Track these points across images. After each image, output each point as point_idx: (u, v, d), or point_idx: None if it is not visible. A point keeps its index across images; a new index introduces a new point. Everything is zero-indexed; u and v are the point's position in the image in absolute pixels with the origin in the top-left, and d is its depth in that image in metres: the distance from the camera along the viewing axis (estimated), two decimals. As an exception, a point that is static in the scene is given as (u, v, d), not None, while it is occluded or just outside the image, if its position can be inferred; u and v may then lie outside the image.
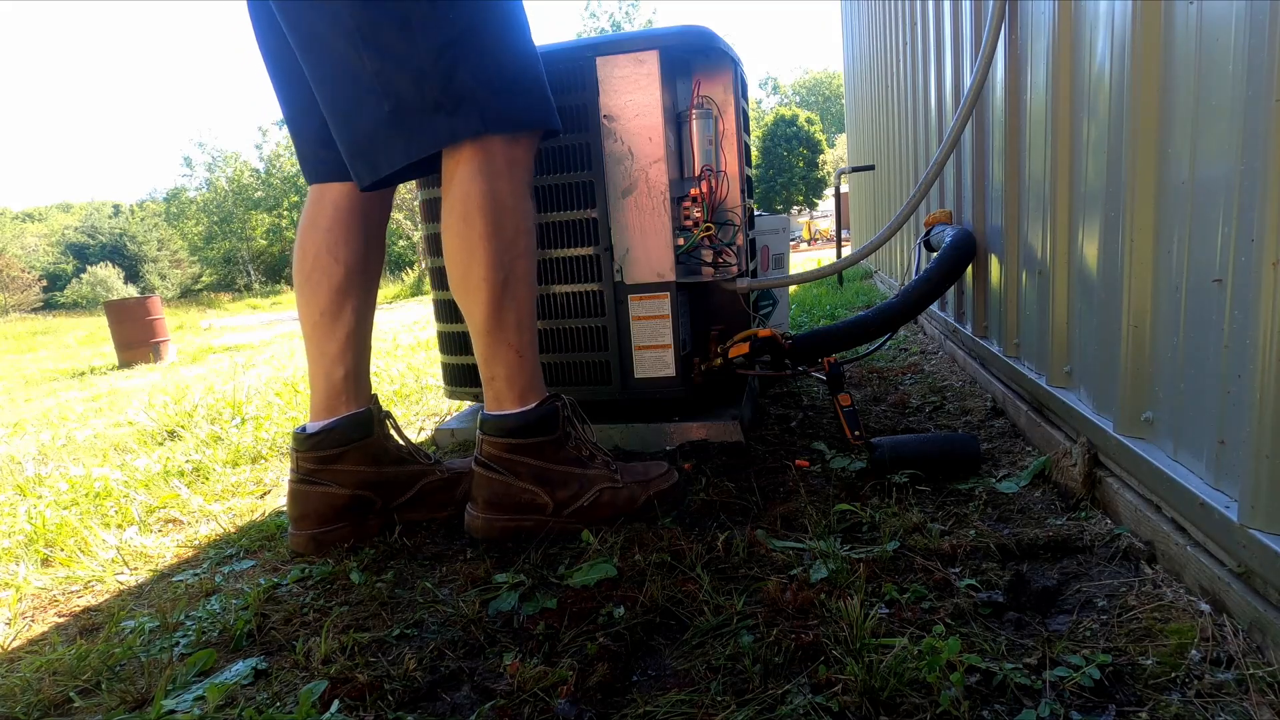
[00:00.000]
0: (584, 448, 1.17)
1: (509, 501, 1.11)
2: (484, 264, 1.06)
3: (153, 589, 1.13)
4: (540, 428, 1.12)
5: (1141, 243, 0.92)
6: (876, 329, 1.63)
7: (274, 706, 0.76)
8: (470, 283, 1.08)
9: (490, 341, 1.10)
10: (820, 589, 0.88)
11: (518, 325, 1.11)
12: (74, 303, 37.29)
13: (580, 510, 1.12)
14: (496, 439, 1.11)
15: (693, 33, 1.43)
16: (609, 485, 1.14)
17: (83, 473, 1.81)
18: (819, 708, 0.68)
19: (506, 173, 1.06)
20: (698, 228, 1.48)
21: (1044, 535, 0.97)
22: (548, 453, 1.12)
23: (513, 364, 1.11)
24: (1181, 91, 0.83)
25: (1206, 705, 0.63)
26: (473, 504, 1.13)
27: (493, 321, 1.09)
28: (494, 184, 1.05)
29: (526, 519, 1.11)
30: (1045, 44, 1.22)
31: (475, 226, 1.05)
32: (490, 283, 1.07)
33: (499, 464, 1.11)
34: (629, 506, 1.14)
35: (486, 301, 1.08)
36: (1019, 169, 1.41)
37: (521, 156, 1.09)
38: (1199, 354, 0.80)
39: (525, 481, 1.11)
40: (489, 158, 1.05)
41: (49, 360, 7.58)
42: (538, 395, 1.14)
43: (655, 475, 1.19)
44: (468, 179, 1.05)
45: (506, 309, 1.09)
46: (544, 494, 1.11)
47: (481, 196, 1.05)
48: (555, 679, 0.75)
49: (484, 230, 1.05)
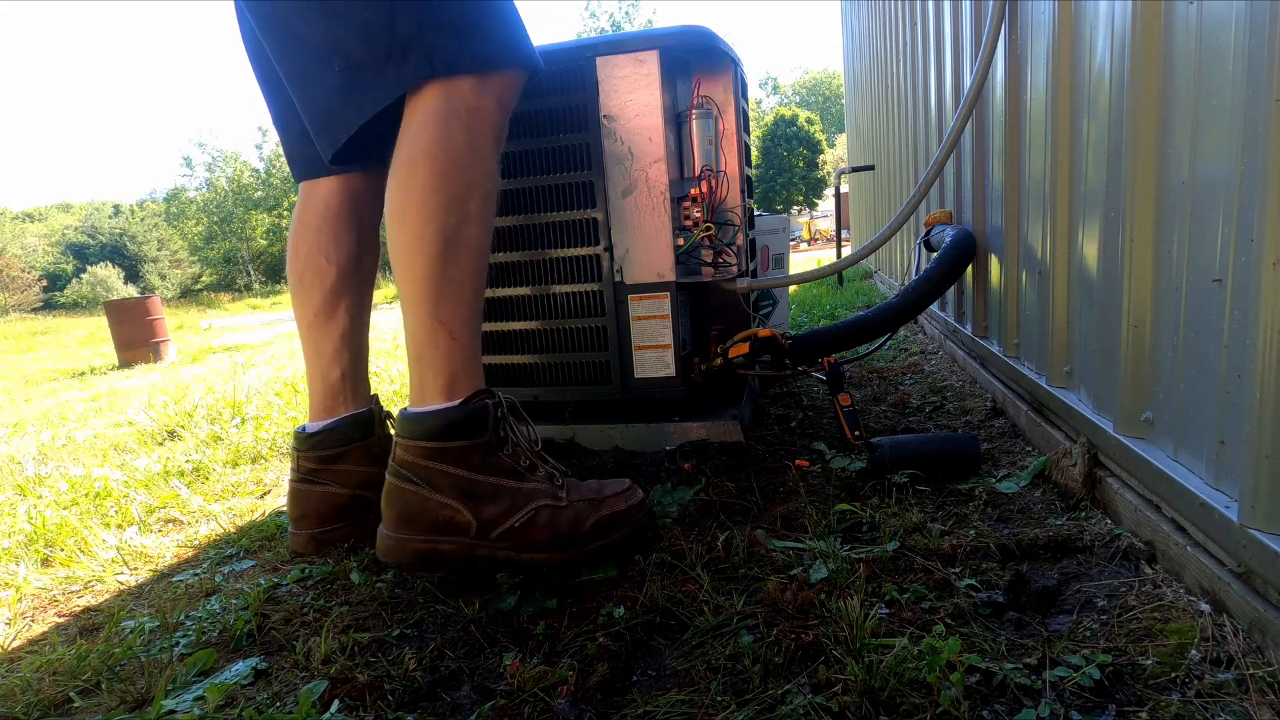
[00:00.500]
0: (523, 456, 0.98)
1: (424, 519, 0.93)
2: (423, 219, 0.92)
3: (153, 589, 1.13)
4: (467, 428, 0.94)
5: (1141, 243, 0.92)
6: (876, 329, 1.63)
7: (274, 706, 0.76)
8: (404, 239, 0.93)
9: (421, 316, 0.94)
10: (820, 589, 0.88)
11: (457, 301, 0.95)
12: (74, 303, 37.29)
13: (510, 532, 0.93)
14: (413, 442, 0.94)
15: (693, 33, 1.43)
16: (549, 503, 0.95)
17: (83, 473, 1.81)
18: (819, 708, 0.68)
19: (465, 120, 0.93)
20: (698, 228, 1.48)
21: (1044, 535, 0.97)
22: (474, 460, 0.94)
23: (444, 347, 0.94)
24: (1181, 91, 0.83)
25: (1206, 705, 0.63)
26: (385, 517, 0.96)
27: (427, 291, 0.93)
28: (447, 130, 0.92)
29: (444, 541, 0.93)
30: (1045, 44, 1.22)
31: (418, 175, 0.92)
32: (428, 243, 0.92)
33: (415, 472, 0.94)
34: (572, 530, 0.95)
35: (422, 264, 0.92)
36: (1019, 169, 1.41)
37: (488, 106, 0.95)
38: (1199, 354, 0.80)
39: (445, 495, 0.93)
40: (446, 102, 0.93)
41: (49, 360, 7.58)
42: (468, 388, 0.96)
43: (610, 494, 1.00)
44: (418, 124, 0.92)
45: (445, 279, 0.93)
46: (466, 511, 0.93)
47: (430, 141, 0.92)
48: (555, 679, 0.75)
49: (428, 180, 0.92)
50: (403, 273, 0.94)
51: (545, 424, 1.59)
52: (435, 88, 0.92)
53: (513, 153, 1.48)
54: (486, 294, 1.55)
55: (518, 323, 1.55)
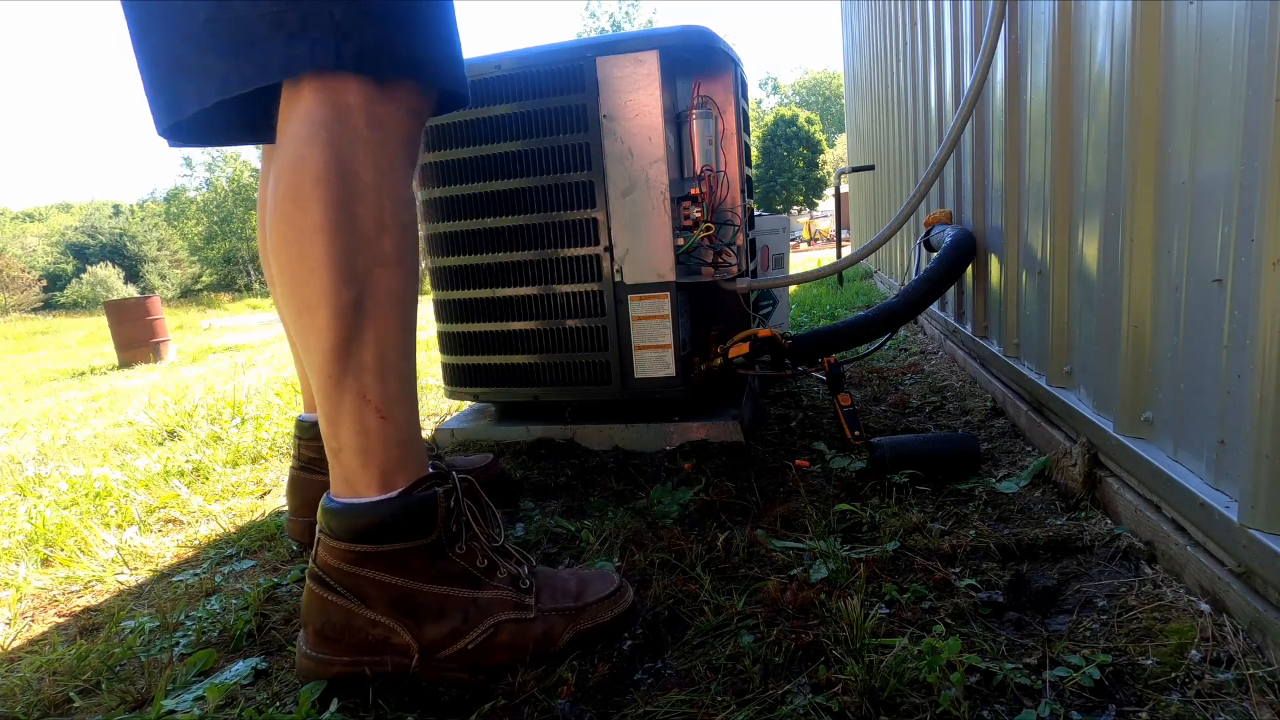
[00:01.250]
0: (480, 554, 0.79)
1: (352, 638, 0.75)
2: (323, 269, 0.70)
3: (153, 589, 1.13)
4: (407, 527, 0.74)
5: (1141, 243, 0.92)
6: (876, 329, 1.63)
7: (274, 706, 0.76)
8: (302, 298, 0.71)
9: (333, 390, 0.73)
10: (820, 589, 0.88)
11: (380, 368, 0.74)
12: (74, 303, 37.29)
13: (462, 654, 0.76)
14: (339, 543, 0.74)
15: (693, 33, 1.43)
16: (512, 617, 0.77)
17: (83, 473, 1.81)
18: (819, 708, 0.68)
19: (365, 135, 0.71)
20: (698, 228, 1.48)
21: (1044, 535, 0.97)
22: (415, 566, 0.75)
23: (368, 429, 0.74)
24: (1181, 91, 0.83)
25: (1206, 705, 0.63)
26: (304, 630, 0.78)
27: (336, 360, 0.72)
28: (344, 149, 0.70)
29: (381, 662, 0.75)
30: (1045, 44, 1.22)
31: (311, 211, 0.69)
32: (331, 301, 0.71)
33: (339, 580, 0.74)
34: (544, 648, 0.78)
35: (330, 329, 0.71)
36: (1019, 169, 1.41)
37: (396, 118, 0.73)
38: (1199, 354, 0.80)
39: (377, 611, 0.74)
40: (338, 109, 0.70)
41: (49, 360, 7.59)
42: (408, 476, 0.76)
43: (594, 599, 0.81)
44: (304, 138, 0.69)
45: (362, 342, 0.73)
46: (404, 631, 0.75)
47: (321, 166, 0.69)
48: (555, 679, 0.75)
49: (323, 217, 0.69)
50: (305, 339, 0.73)
51: (545, 424, 1.59)
52: (324, 83, 0.70)
53: (513, 153, 1.48)
54: (486, 294, 1.56)
55: (518, 323, 1.55)
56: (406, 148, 0.76)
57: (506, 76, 1.46)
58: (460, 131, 1.51)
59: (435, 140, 1.54)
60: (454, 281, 1.60)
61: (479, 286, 1.57)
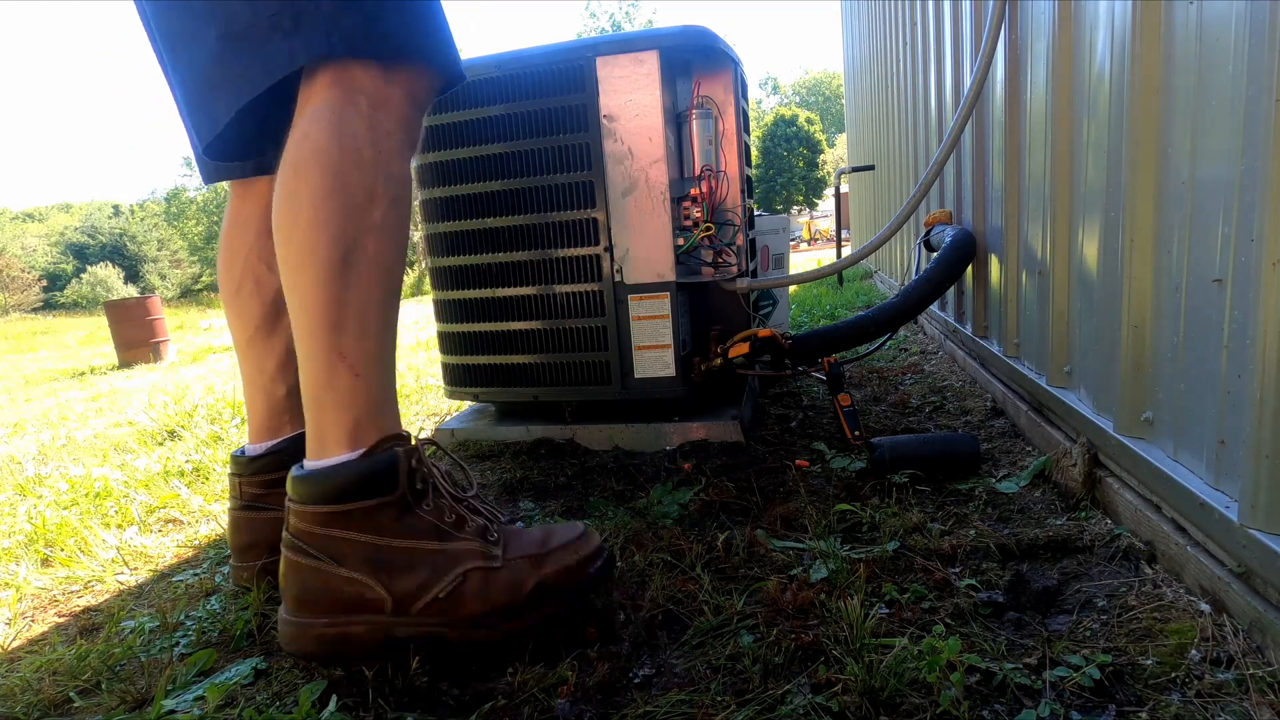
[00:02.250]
0: (448, 510, 0.82)
1: (327, 599, 0.78)
2: (314, 230, 0.76)
3: (153, 589, 1.13)
4: (373, 484, 0.78)
5: (1141, 243, 0.92)
6: (876, 329, 1.63)
7: (274, 706, 0.76)
8: (293, 256, 0.77)
9: (315, 349, 0.78)
10: (820, 589, 0.88)
11: (359, 330, 0.78)
12: (74, 303, 37.30)
13: (434, 605, 0.78)
14: (308, 507, 0.77)
15: (693, 33, 1.43)
16: (479, 565, 0.80)
17: (83, 473, 1.81)
18: (819, 708, 0.68)
19: (367, 114, 0.78)
20: (698, 228, 1.48)
21: (1044, 535, 0.97)
22: (385, 522, 0.78)
23: (344, 387, 0.78)
24: (1181, 91, 0.83)
25: (1206, 705, 0.63)
26: (284, 600, 0.80)
27: (321, 318, 0.77)
28: (344, 124, 0.77)
29: (355, 626, 0.78)
30: (1045, 44, 1.22)
31: (308, 177, 0.76)
32: (321, 259, 0.76)
33: (313, 543, 0.78)
34: (511, 597, 0.80)
35: (314, 285, 0.76)
36: (1019, 169, 1.41)
37: (396, 99, 0.80)
38: (1199, 354, 0.80)
39: (351, 568, 0.77)
40: (345, 92, 0.77)
41: (49, 360, 7.59)
42: (376, 433, 0.79)
43: (557, 545, 0.84)
44: (309, 118, 0.77)
45: (343, 303, 0.77)
46: (377, 585, 0.77)
47: (324, 138, 0.76)
48: (555, 679, 0.75)
49: (319, 183, 0.76)
50: (293, 297, 0.78)
51: (545, 424, 1.59)
52: (332, 71, 0.77)
53: (513, 153, 1.48)
54: (487, 294, 1.56)
55: (518, 323, 1.55)
56: (405, 128, 0.82)
57: (507, 76, 1.46)
58: (461, 131, 1.51)
59: (436, 140, 1.55)
60: (454, 281, 1.60)
61: (479, 286, 1.57)
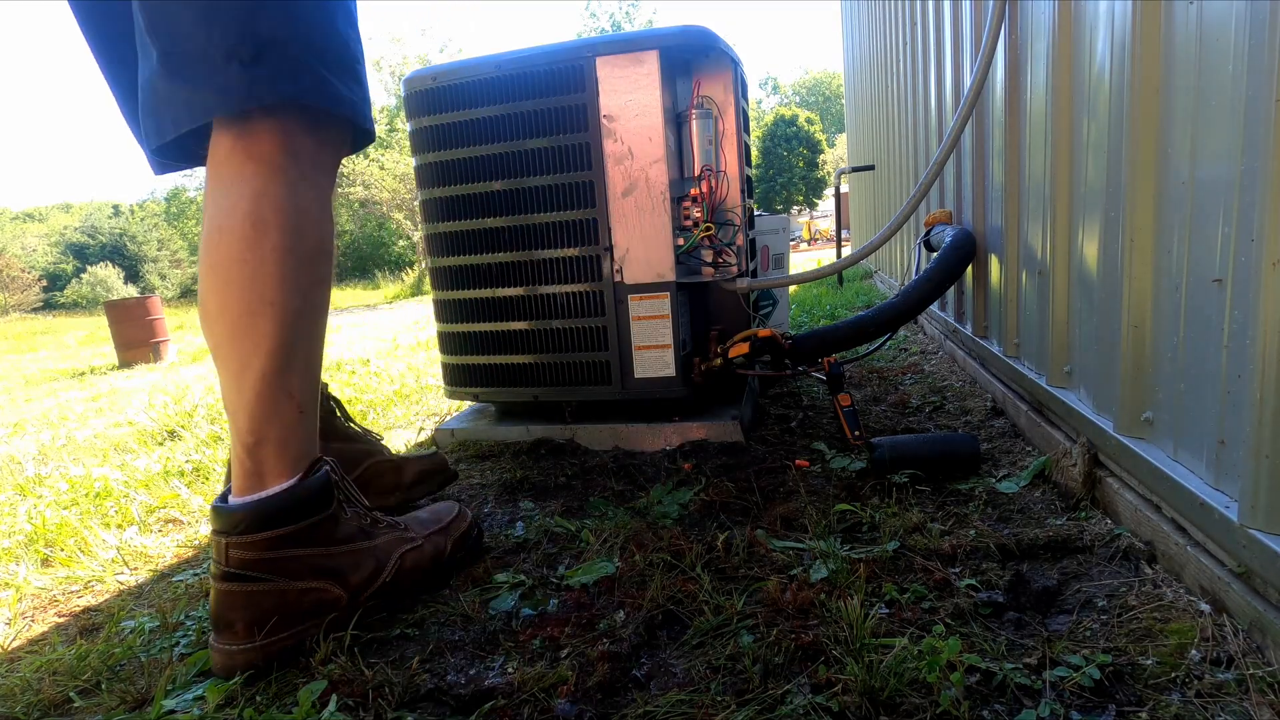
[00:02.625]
0: (363, 514, 0.93)
1: (288, 612, 0.83)
2: (277, 285, 0.81)
3: (153, 589, 1.13)
4: (315, 503, 0.85)
5: (1141, 243, 0.92)
6: (876, 329, 1.63)
7: (274, 706, 0.76)
8: (252, 308, 0.81)
9: (267, 392, 0.83)
10: (820, 589, 0.88)
11: (305, 368, 0.85)
12: (74, 303, 37.28)
13: (384, 588, 0.91)
14: (253, 535, 0.81)
15: (693, 33, 1.43)
16: (409, 548, 0.94)
17: (83, 473, 1.81)
18: (819, 708, 0.68)
19: (311, 173, 0.84)
20: (698, 228, 1.48)
21: (1044, 535, 0.97)
22: (327, 534, 0.86)
23: (290, 422, 0.84)
24: (1181, 91, 0.83)
25: (1206, 705, 0.63)
26: (222, 635, 0.82)
27: (276, 362, 0.83)
28: (297, 184, 0.83)
29: (314, 628, 0.85)
30: (1045, 44, 1.22)
31: (270, 236, 0.80)
32: (282, 310, 0.82)
33: (263, 569, 0.82)
34: (440, 560, 0.98)
35: (272, 333, 0.82)
36: (1019, 169, 1.41)
37: (327, 159, 0.87)
38: (1199, 354, 0.80)
39: (305, 580, 0.84)
40: (291, 148, 0.81)
41: (49, 360, 7.58)
42: (308, 460, 0.87)
43: (450, 519, 1.04)
44: (265, 173, 0.80)
45: (297, 349, 0.84)
46: (334, 586, 0.86)
47: (281, 198, 0.81)
48: (555, 679, 0.75)
49: (280, 241, 0.81)
50: (244, 342, 0.82)
51: (545, 424, 1.59)
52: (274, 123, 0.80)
53: (513, 153, 1.48)
54: (486, 294, 1.56)
55: (518, 323, 1.55)
56: (332, 184, 0.91)
57: (506, 77, 1.46)
58: (460, 131, 1.51)
59: (436, 140, 1.55)
60: (454, 281, 1.60)
61: (479, 286, 1.57)
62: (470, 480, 1.45)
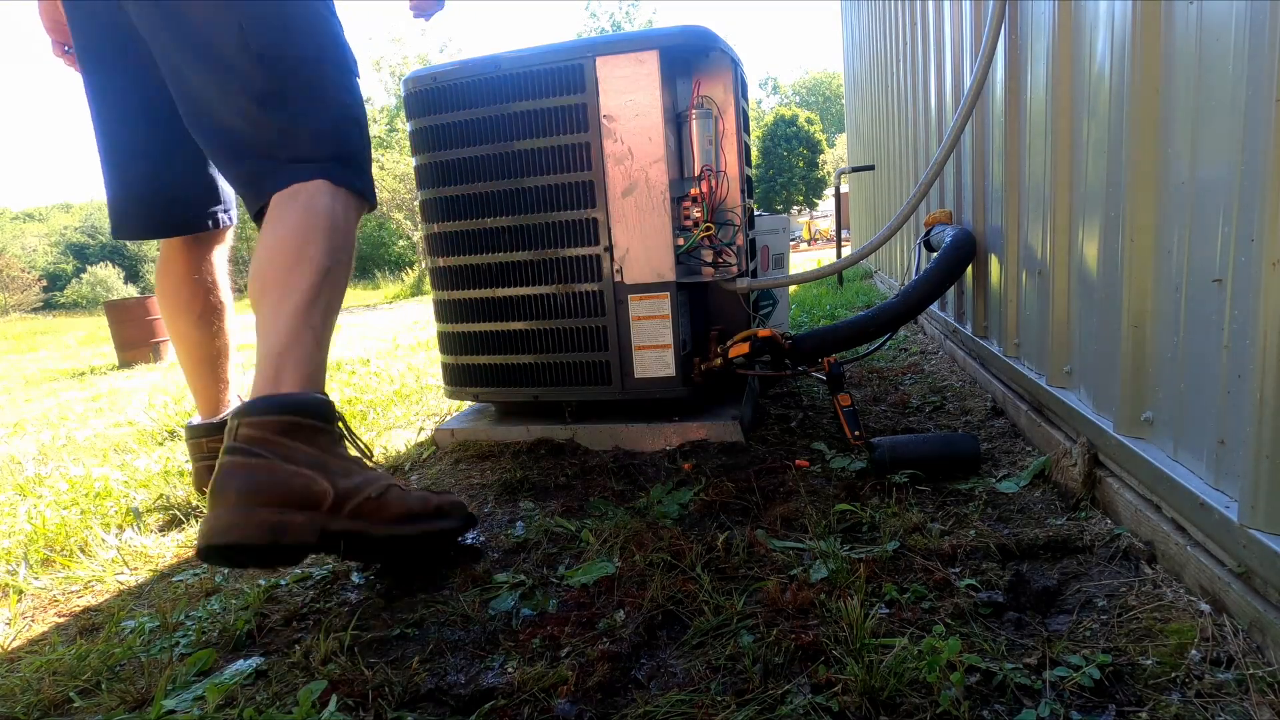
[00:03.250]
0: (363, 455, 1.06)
1: (277, 489, 0.90)
2: (320, 248, 1.08)
3: (153, 589, 1.13)
4: (319, 411, 0.98)
5: (1141, 243, 0.92)
6: (876, 329, 1.63)
7: (274, 706, 0.76)
8: (301, 257, 1.06)
9: (293, 319, 1.04)
10: (820, 589, 0.88)
11: (324, 316, 1.08)
12: (74, 303, 37.26)
13: (367, 503, 0.97)
14: (263, 417, 0.93)
15: (693, 33, 1.43)
16: (399, 485, 1.04)
17: (83, 473, 1.81)
18: (819, 708, 0.68)
19: (343, 215, 1.13)
20: (698, 228, 1.48)
21: (1044, 535, 0.97)
22: (324, 442, 0.97)
23: (308, 346, 1.04)
24: (1181, 92, 0.83)
25: (1206, 705, 0.63)
26: (215, 505, 0.89)
27: (306, 299, 1.05)
28: (337, 213, 1.12)
29: (296, 517, 0.90)
30: (1045, 44, 1.22)
31: (319, 220, 1.09)
32: (319, 265, 1.07)
33: (265, 446, 0.91)
34: (422, 507, 1.04)
35: (309, 283, 1.06)
36: (1019, 169, 1.41)
37: (354, 216, 1.18)
38: (1199, 354, 0.80)
39: (299, 466, 0.92)
40: (337, 197, 1.13)
41: (49, 360, 7.58)
42: (317, 385, 1.04)
43: (441, 491, 1.18)
44: (318, 195, 1.11)
45: (321, 295, 1.07)
46: (322, 479, 0.93)
47: (328, 210, 1.11)
48: (555, 679, 0.75)
49: (326, 224, 1.10)
50: (287, 280, 1.06)
51: (545, 424, 1.59)
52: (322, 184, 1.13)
53: (513, 153, 1.48)
54: (486, 294, 1.56)
55: (518, 323, 1.55)
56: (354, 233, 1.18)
57: (506, 77, 1.46)
58: (460, 131, 1.51)
59: (436, 140, 1.55)
60: (455, 281, 1.60)
61: (479, 286, 1.57)
62: (470, 480, 1.45)
